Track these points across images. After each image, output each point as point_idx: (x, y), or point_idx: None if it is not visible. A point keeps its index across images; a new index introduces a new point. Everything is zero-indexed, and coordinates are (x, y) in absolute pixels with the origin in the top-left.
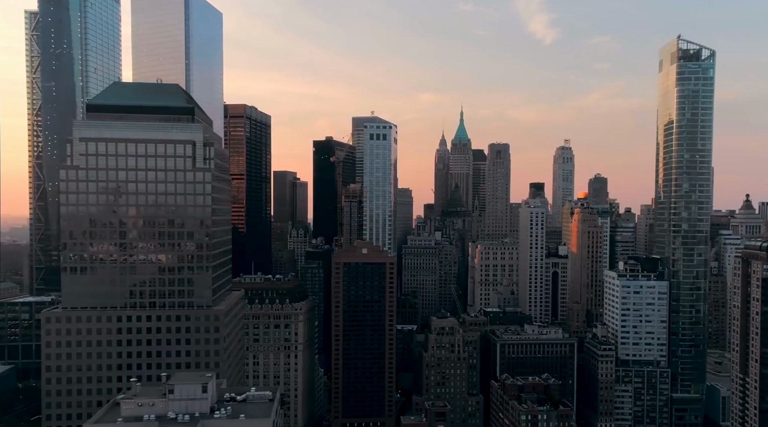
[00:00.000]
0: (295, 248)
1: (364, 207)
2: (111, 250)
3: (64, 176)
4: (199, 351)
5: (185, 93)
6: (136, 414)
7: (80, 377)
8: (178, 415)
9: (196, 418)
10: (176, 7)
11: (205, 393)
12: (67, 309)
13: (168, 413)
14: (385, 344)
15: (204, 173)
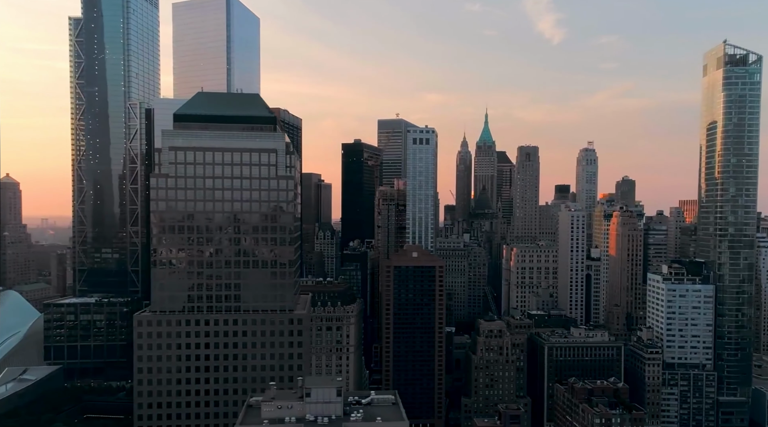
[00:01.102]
0: (322, 249)
1: (407, 210)
2: (198, 255)
3: (155, 184)
4: (283, 354)
5: (265, 102)
6: (277, 416)
7: (169, 379)
8: (318, 418)
9: (334, 421)
10: (218, 13)
11: (339, 397)
12: (156, 313)
13: (306, 416)
14: (435, 347)
15: (287, 181)
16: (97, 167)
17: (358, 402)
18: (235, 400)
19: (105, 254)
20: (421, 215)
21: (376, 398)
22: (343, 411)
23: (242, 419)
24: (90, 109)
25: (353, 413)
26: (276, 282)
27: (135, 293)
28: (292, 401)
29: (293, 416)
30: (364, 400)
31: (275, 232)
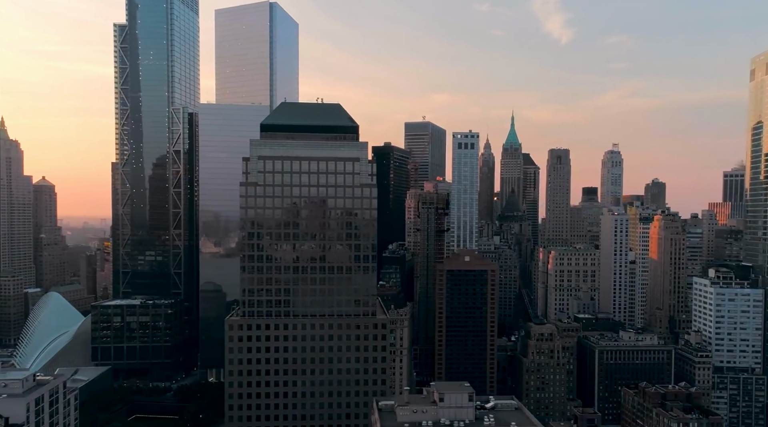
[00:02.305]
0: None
1: (452, 214)
2: (285, 261)
3: (244, 192)
4: (368, 358)
5: (347, 112)
6: (413, 420)
7: (259, 381)
8: (453, 422)
9: (468, 425)
10: (261, 19)
11: (470, 402)
12: (245, 317)
13: (441, 420)
14: (486, 350)
15: (371, 189)
16: (141, 171)
17: (483, 407)
18: (321, 403)
19: (148, 257)
20: (466, 219)
21: (499, 403)
22: (474, 416)
23: (379, 423)
24: (134, 114)
25: (485, 418)
26: (359, 287)
27: (177, 295)
28: (426, 406)
29: (429, 420)
30: (487, 405)
31: (358, 238)
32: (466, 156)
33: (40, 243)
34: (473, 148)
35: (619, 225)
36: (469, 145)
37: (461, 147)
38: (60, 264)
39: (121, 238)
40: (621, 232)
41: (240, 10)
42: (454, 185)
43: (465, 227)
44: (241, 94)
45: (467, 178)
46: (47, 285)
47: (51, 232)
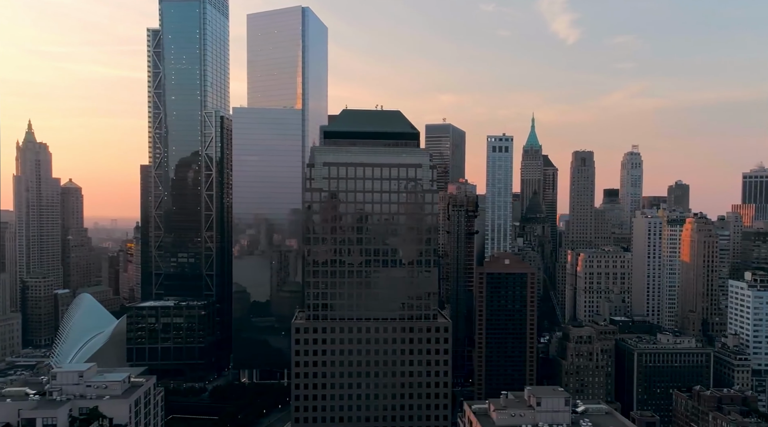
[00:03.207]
0: None
1: (487, 216)
2: (350, 265)
3: (309, 198)
4: (430, 361)
5: (407, 119)
6: (512, 423)
7: (324, 383)
8: (552, 426)
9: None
10: (293, 23)
11: (566, 406)
12: (310, 320)
13: (539, 424)
14: (526, 351)
15: (432, 195)
16: (173, 174)
17: (574, 411)
18: (385, 405)
19: (180, 259)
20: (500, 222)
21: (590, 407)
22: (570, 420)
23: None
24: (168, 118)
25: (581, 422)
26: (421, 291)
27: (209, 296)
28: (524, 410)
29: (528, 424)
30: (578, 409)
31: (420, 243)
32: (500, 159)
33: (68, 245)
34: (507, 152)
35: (653, 228)
36: (503, 148)
37: (495, 150)
38: (86, 266)
39: (153, 240)
40: (654, 234)
41: (272, 15)
42: (488, 188)
43: (499, 229)
44: (273, 98)
45: (501, 181)
46: (74, 286)
47: (77, 234)
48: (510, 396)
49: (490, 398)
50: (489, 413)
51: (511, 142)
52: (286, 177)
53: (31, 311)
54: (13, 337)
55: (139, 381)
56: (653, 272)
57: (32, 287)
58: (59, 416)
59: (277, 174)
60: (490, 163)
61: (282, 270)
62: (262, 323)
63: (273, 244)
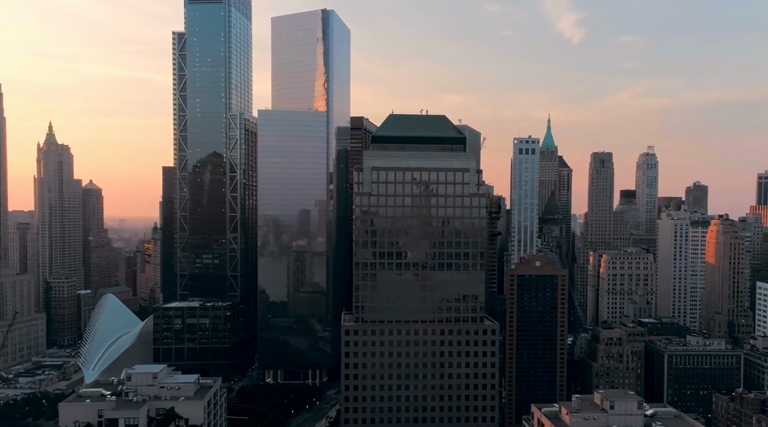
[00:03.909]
0: None
1: (513, 219)
2: (398, 268)
3: (358, 202)
4: (477, 363)
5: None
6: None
7: (373, 385)
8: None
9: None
10: (316, 26)
11: (639, 409)
12: (359, 322)
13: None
14: (557, 354)
15: (479, 198)
16: (198, 176)
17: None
18: (433, 406)
19: (205, 260)
20: (526, 224)
21: (659, 411)
22: (643, 423)
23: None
24: (192, 120)
25: (653, 425)
26: (468, 294)
27: (234, 297)
28: (597, 413)
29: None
30: (647, 412)
31: (468, 246)
32: (527, 161)
33: (89, 245)
34: (534, 154)
35: (679, 229)
36: (530, 150)
37: (522, 152)
38: (106, 266)
39: (178, 241)
40: (681, 236)
41: (296, 18)
42: (514, 190)
43: (526, 231)
44: (297, 101)
45: (528, 183)
46: (94, 287)
47: (98, 235)
48: (580, 399)
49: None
50: (560, 416)
51: (538, 145)
52: (310, 179)
53: (55, 312)
54: (38, 337)
55: (207, 382)
56: (679, 274)
57: (56, 288)
58: (140, 417)
59: (301, 176)
60: (517, 166)
61: (306, 271)
62: (285, 323)
63: (296, 245)
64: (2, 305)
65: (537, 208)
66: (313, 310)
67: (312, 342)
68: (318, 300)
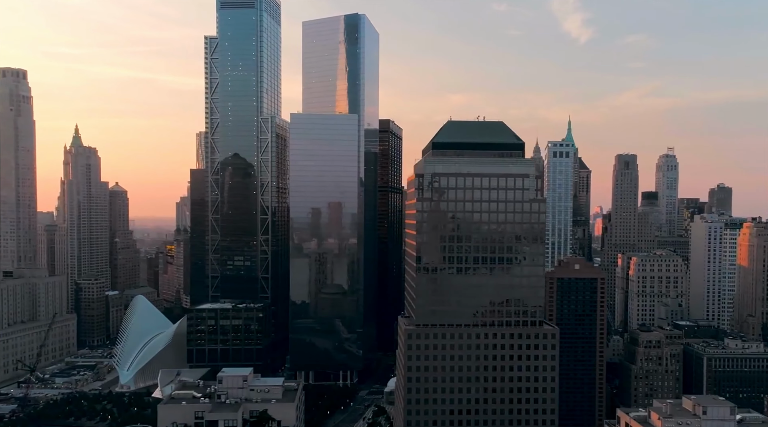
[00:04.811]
0: None
1: (547, 221)
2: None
3: (420, 207)
4: (537, 367)
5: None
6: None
7: (435, 388)
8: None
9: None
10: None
11: (732, 415)
12: (420, 326)
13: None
14: (596, 356)
15: (539, 204)
16: (229, 178)
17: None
18: (494, 408)
19: (237, 262)
20: (560, 226)
21: (747, 416)
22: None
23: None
24: (224, 124)
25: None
26: (529, 299)
27: (265, 299)
28: (689, 418)
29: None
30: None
31: (527, 251)
32: (561, 164)
33: (115, 247)
34: (568, 157)
35: (713, 232)
36: (563, 153)
37: (556, 156)
38: (132, 267)
39: (210, 243)
40: (715, 239)
41: (326, 22)
42: (549, 193)
43: (560, 234)
44: (328, 104)
45: (562, 186)
46: (120, 288)
47: (123, 236)
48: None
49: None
50: (650, 421)
51: (572, 148)
52: (342, 182)
53: (84, 313)
54: (69, 337)
55: (291, 385)
56: (713, 276)
57: (85, 289)
58: (238, 419)
59: (333, 179)
60: (551, 169)
61: (337, 273)
62: (316, 325)
63: (327, 247)
64: (35, 306)
65: (572, 211)
66: (343, 311)
67: (343, 343)
68: (349, 302)
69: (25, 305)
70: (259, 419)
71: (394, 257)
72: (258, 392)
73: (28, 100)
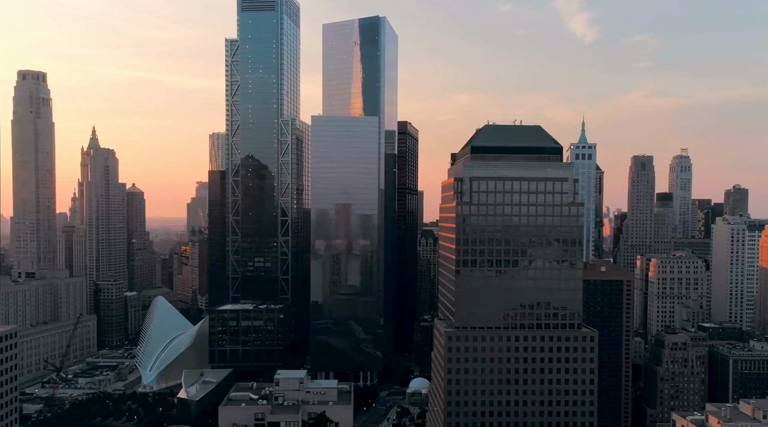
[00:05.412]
0: (429, 257)
1: None
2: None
3: (460, 211)
4: (576, 369)
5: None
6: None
7: (475, 390)
8: None
9: None
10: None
11: None
12: (459, 328)
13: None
14: (622, 358)
15: (578, 207)
16: (249, 180)
17: None
18: (533, 411)
19: (257, 263)
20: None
21: None
22: None
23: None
24: (245, 126)
25: None
26: (567, 302)
27: (285, 300)
28: (749, 422)
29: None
30: None
31: (566, 255)
32: (583, 166)
33: (132, 248)
34: (590, 159)
35: (736, 234)
36: (586, 155)
37: (579, 157)
38: (148, 268)
39: (231, 244)
40: (737, 241)
41: (346, 25)
42: None
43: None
44: (348, 106)
45: (584, 188)
46: (137, 289)
47: (140, 237)
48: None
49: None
50: (709, 425)
51: (594, 150)
52: (362, 183)
53: (104, 313)
54: (90, 338)
55: (344, 387)
56: (736, 278)
57: (104, 290)
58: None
59: (353, 181)
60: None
61: (357, 274)
62: (336, 326)
63: (347, 248)
64: (57, 307)
65: (594, 213)
66: (363, 312)
67: (362, 344)
68: (369, 303)
69: (47, 305)
70: (317, 421)
71: (409, 258)
72: (314, 394)
73: (48, 103)
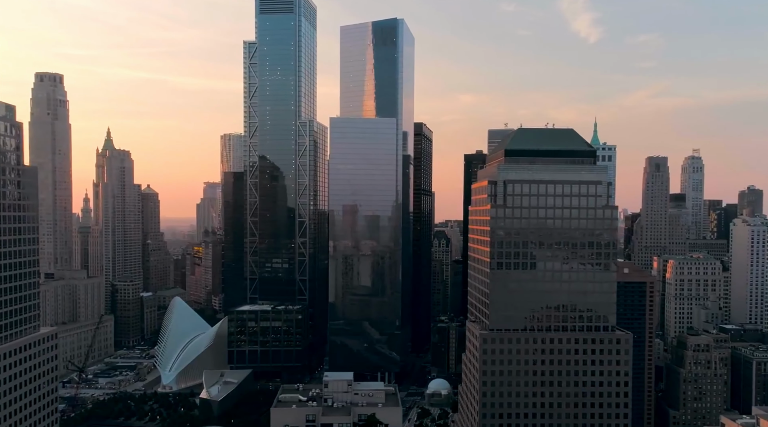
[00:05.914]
0: (441, 258)
1: None
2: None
3: (494, 213)
4: (611, 371)
5: (581, 137)
6: None
7: (510, 392)
8: None
9: None
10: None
11: None
12: (494, 331)
13: None
14: (644, 359)
15: (612, 210)
16: (267, 182)
17: None
18: (567, 413)
19: (275, 264)
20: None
21: None
22: None
23: None
24: (262, 127)
25: None
26: (600, 305)
27: (303, 301)
28: None
29: None
30: None
31: (600, 257)
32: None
33: (147, 249)
34: (610, 161)
35: (757, 235)
36: (606, 157)
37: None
38: (163, 269)
39: (249, 246)
40: (758, 242)
41: (363, 27)
42: None
43: None
44: (365, 108)
45: None
46: (153, 289)
47: (155, 238)
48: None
49: None
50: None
51: (614, 152)
52: (381, 185)
53: (120, 314)
54: (108, 338)
55: (390, 389)
56: (756, 280)
57: (121, 291)
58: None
59: (372, 182)
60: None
61: (375, 275)
62: (354, 327)
63: (366, 249)
64: (75, 308)
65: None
66: (381, 313)
67: (380, 345)
68: (386, 304)
69: (66, 306)
70: (368, 423)
71: (424, 259)
72: (362, 396)
73: (64, 104)
